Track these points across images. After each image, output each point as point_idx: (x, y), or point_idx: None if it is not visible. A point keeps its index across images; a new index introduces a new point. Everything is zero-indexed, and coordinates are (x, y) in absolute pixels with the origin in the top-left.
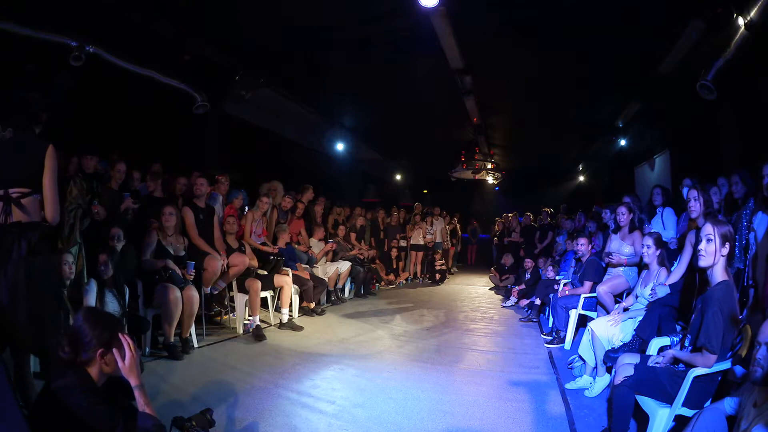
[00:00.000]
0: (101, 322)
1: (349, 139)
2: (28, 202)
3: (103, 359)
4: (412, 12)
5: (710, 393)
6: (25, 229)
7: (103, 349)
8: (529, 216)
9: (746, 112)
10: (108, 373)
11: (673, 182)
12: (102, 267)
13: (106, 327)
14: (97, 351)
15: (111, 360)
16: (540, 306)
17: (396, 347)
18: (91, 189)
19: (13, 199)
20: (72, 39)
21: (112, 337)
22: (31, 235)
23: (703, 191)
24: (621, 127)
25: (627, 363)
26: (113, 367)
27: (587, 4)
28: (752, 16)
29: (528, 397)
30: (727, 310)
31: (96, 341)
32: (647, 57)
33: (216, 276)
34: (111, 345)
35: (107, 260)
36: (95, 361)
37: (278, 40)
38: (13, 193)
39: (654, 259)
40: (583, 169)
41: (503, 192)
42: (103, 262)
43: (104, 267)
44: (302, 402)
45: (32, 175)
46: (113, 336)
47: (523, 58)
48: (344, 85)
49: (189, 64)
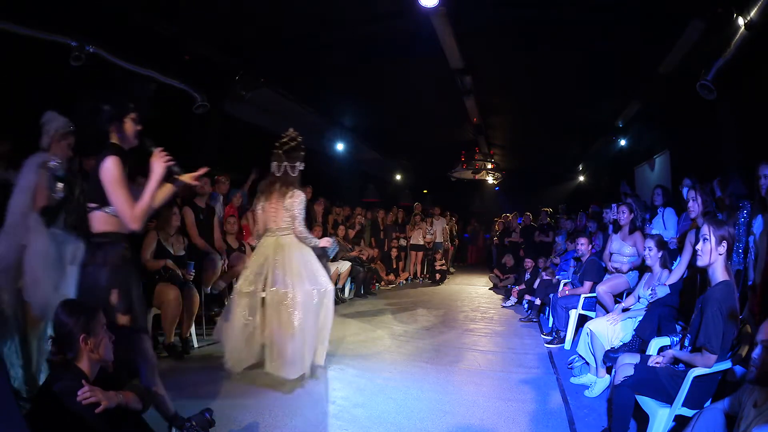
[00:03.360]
0: (77, 310)
1: (349, 139)
2: (94, 216)
3: (87, 345)
4: (412, 12)
5: (710, 393)
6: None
7: (85, 334)
8: (528, 216)
9: (746, 113)
10: (97, 360)
11: (673, 182)
12: None
13: (82, 312)
14: (80, 337)
15: (94, 344)
16: (540, 306)
17: (396, 347)
18: None
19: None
20: (72, 39)
21: (91, 321)
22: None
23: (702, 191)
24: (621, 127)
25: (627, 363)
26: (100, 352)
27: (587, 3)
28: (752, 16)
29: (528, 397)
30: (727, 310)
31: (77, 328)
32: (647, 57)
33: (216, 276)
34: (91, 329)
35: None
36: (83, 352)
37: (278, 40)
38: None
39: (656, 261)
40: (583, 169)
41: (503, 192)
42: None
43: None
44: (302, 402)
45: (95, 190)
46: (92, 319)
47: (524, 58)
48: (344, 85)
49: (189, 64)
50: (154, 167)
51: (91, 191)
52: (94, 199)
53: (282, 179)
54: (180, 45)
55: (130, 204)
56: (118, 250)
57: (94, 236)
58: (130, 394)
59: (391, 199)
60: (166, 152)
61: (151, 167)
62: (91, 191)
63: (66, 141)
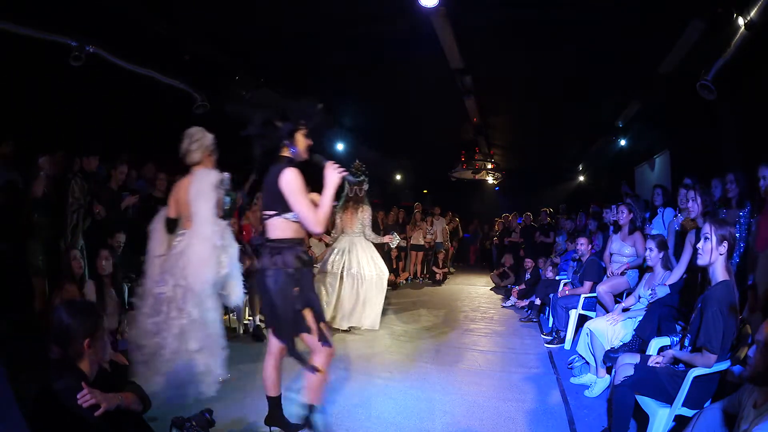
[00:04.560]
0: (81, 312)
1: (349, 139)
2: (272, 223)
3: (91, 348)
4: (412, 12)
5: (710, 393)
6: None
7: (90, 339)
8: (529, 216)
9: (746, 113)
10: (96, 360)
11: (673, 182)
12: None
13: (87, 315)
14: (84, 341)
15: (97, 346)
16: (540, 306)
17: (396, 347)
18: (90, 189)
19: (263, 220)
20: (72, 39)
21: (95, 325)
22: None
23: (701, 191)
24: (621, 127)
25: (627, 363)
26: (99, 355)
27: (587, 3)
28: (752, 16)
29: (528, 397)
30: (727, 310)
31: (80, 331)
32: (647, 57)
33: None
34: (96, 332)
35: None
36: (84, 353)
37: (278, 40)
38: (264, 215)
39: (657, 262)
40: (583, 169)
41: (503, 192)
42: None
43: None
44: (302, 402)
45: (273, 199)
46: (96, 323)
47: (523, 57)
48: (344, 85)
49: (189, 64)
50: (328, 177)
51: (269, 201)
52: (272, 208)
53: (353, 198)
54: (180, 45)
55: (313, 210)
56: (296, 253)
57: (272, 242)
58: (130, 395)
59: (391, 199)
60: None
61: (326, 177)
62: (268, 201)
63: (215, 156)
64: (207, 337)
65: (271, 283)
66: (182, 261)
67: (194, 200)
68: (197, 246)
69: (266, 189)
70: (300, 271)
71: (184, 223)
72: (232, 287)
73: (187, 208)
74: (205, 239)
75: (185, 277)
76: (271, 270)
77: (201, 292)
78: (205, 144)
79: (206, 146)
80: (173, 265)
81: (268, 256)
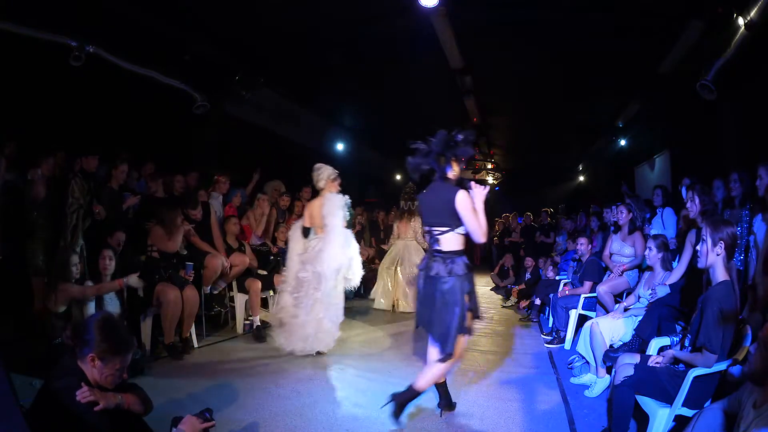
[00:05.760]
0: (110, 338)
1: (349, 139)
2: (445, 237)
3: (93, 364)
4: (412, 12)
5: (710, 393)
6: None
7: (95, 358)
8: (529, 216)
9: (746, 113)
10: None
11: (673, 182)
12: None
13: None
14: (89, 356)
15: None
16: (540, 306)
17: (396, 347)
18: (90, 189)
19: (434, 236)
20: (72, 39)
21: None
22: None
23: (701, 191)
24: (621, 127)
25: (627, 363)
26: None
27: (587, 3)
28: (752, 16)
29: (528, 397)
30: (727, 310)
31: (95, 348)
32: (647, 57)
33: (216, 275)
34: (105, 359)
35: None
36: (87, 363)
37: (278, 40)
38: (434, 231)
39: (657, 262)
40: (583, 169)
41: (503, 192)
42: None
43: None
44: (302, 402)
45: (440, 217)
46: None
47: (523, 58)
48: (344, 85)
49: (189, 64)
50: (477, 195)
51: (439, 218)
52: (445, 224)
53: (408, 210)
54: (180, 45)
55: (480, 225)
56: (465, 261)
57: (446, 254)
58: (131, 396)
59: (391, 199)
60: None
61: (474, 196)
62: (436, 218)
63: (337, 181)
64: (330, 306)
65: (449, 289)
66: (319, 255)
67: (327, 216)
68: (330, 245)
69: (432, 207)
70: (467, 275)
71: (316, 230)
72: (352, 273)
73: (319, 220)
74: (335, 241)
75: (321, 265)
76: (448, 278)
77: (330, 276)
78: (326, 174)
79: (328, 175)
80: (313, 257)
81: (443, 265)
